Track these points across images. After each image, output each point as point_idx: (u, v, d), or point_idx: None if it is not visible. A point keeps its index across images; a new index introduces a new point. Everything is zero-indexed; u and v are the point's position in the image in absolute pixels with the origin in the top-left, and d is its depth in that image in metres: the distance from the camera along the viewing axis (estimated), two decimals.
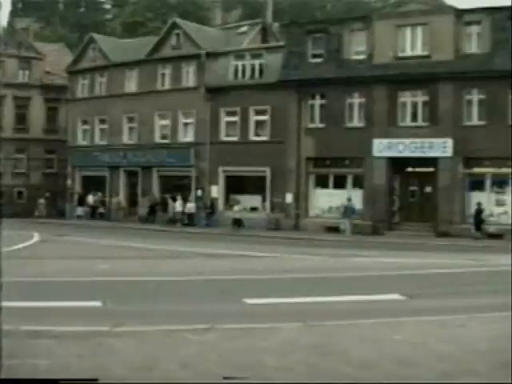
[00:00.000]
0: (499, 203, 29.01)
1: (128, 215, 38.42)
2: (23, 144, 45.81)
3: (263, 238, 28.67)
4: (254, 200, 34.78)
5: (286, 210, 33.07)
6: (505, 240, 25.54)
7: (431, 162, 29.74)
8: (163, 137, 37.77)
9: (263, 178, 34.06)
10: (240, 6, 70.01)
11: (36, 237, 25.94)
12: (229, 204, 35.27)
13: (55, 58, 47.54)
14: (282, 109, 33.02)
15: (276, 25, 41.41)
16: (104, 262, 17.43)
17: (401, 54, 30.46)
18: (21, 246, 21.23)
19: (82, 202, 40.51)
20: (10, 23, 53.17)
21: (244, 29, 40.61)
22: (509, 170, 28.37)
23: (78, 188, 41.71)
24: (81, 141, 41.71)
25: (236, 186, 35.40)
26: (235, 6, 70.32)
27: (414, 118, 30.45)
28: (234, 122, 35.00)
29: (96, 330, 8.33)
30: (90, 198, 40.15)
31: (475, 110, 29.23)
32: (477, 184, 29.47)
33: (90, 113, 40.62)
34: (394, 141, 30.31)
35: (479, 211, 28.12)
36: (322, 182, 33.02)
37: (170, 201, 36.23)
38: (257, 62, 34.55)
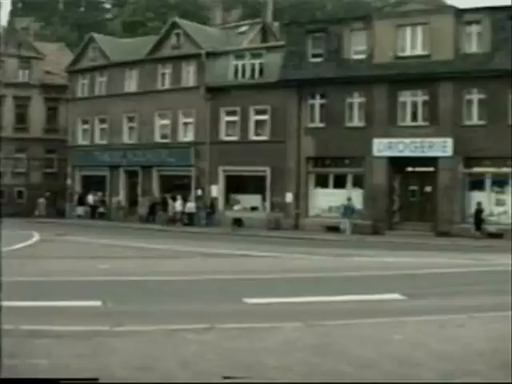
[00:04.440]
0: (499, 203, 29.02)
1: (128, 215, 38.43)
2: (23, 144, 45.78)
3: (263, 237, 28.65)
4: (253, 200, 34.78)
5: (286, 210, 33.06)
6: (505, 240, 25.55)
7: (431, 161, 29.73)
8: (163, 136, 37.77)
9: (263, 178, 34.05)
10: (240, 5, 69.90)
11: (36, 236, 25.90)
12: (229, 204, 35.27)
13: (55, 58, 47.51)
14: (282, 108, 33.01)
15: (276, 24, 41.37)
16: (104, 261, 17.42)
17: (401, 54, 30.46)
18: (21, 245, 21.22)
19: (81, 201, 40.52)
20: (10, 23, 53.03)
21: (244, 28, 40.59)
22: (509, 170, 28.40)
23: (77, 188, 41.70)
24: (81, 140, 41.71)
25: (236, 185, 35.40)
26: (235, 6, 70.20)
27: (414, 117, 30.45)
28: (233, 122, 35.00)
29: (96, 330, 8.32)
30: (90, 198, 40.16)
31: (475, 109, 29.23)
32: (477, 184, 29.48)
33: (89, 112, 40.61)
34: (394, 140, 30.32)
35: (479, 211, 28.14)
36: (321, 182, 33.02)
37: (170, 200, 36.22)
38: (257, 62, 34.54)
